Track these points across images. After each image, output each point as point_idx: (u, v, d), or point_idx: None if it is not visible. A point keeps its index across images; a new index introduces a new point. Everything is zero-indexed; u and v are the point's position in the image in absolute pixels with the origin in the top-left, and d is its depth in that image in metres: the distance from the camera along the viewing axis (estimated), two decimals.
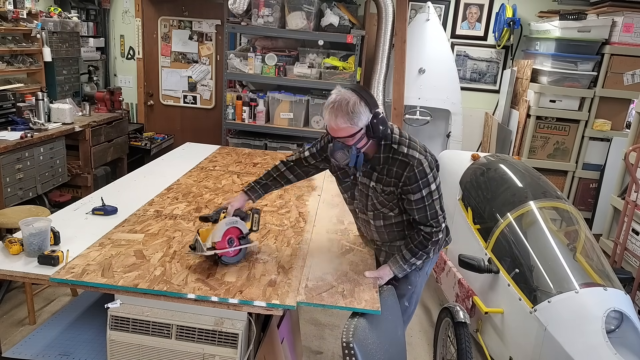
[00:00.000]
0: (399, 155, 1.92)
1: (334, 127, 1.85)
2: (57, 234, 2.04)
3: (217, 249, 1.94)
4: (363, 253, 2.26)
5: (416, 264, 2.05)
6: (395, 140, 1.95)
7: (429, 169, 1.93)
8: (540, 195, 2.74)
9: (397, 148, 1.93)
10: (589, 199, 4.62)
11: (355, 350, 1.50)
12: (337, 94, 1.84)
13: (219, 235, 1.95)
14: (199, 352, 1.83)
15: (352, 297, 1.84)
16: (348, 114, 1.80)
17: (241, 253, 2.03)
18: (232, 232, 2.00)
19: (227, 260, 1.98)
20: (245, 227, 2.05)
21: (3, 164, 3.30)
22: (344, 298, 1.83)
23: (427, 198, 1.94)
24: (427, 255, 2.04)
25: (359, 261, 2.16)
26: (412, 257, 2.03)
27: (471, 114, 5.09)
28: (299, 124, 4.53)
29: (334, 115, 1.82)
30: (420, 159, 1.91)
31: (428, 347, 3.00)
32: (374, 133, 1.87)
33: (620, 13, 4.12)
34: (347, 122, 1.82)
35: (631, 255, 3.29)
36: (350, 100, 1.81)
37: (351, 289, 1.90)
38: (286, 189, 2.98)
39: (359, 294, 1.87)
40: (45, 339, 2.63)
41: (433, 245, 2.02)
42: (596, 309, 2.08)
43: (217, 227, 1.97)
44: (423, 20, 4.60)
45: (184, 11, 5.19)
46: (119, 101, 4.71)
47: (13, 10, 3.87)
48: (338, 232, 2.47)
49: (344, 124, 1.82)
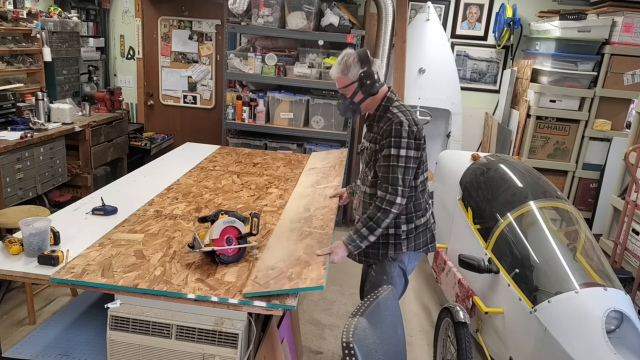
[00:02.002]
0: (388, 113, 2.10)
1: (334, 77, 2.18)
2: (57, 234, 2.04)
3: (215, 246, 1.95)
4: (321, 235, 2.23)
5: (368, 238, 2.07)
6: (395, 104, 2.14)
7: (407, 134, 2.02)
8: (541, 195, 2.74)
9: (391, 109, 2.12)
10: (589, 199, 4.62)
11: (355, 350, 1.50)
12: (342, 54, 2.16)
13: (217, 233, 1.96)
14: (199, 352, 1.83)
15: (298, 278, 1.81)
16: (340, 66, 2.12)
17: (240, 253, 2.03)
18: (230, 232, 2.00)
19: (226, 258, 1.98)
20: (243, 227, 2.05)
21: (3, 164, 3.30)
22: (289, 281, 1.80)
23: (393, 158, 2.03)
24: (377, 227, 2.05)
25: (314, 243, 2.13)
26: (362, 227, 2.06)
27: (471, 114, 5.09)
28: (299, 124, 4.53)
29: (336, 67, 2.14)
30: (402, 120, 2.04)
31: (428, 347, 3.00)
32: (362, 86, 2.10)
33: (620, 13, 4.12)
34: (339, 73, 2.13)
35: (631, 255, 3.29)
36: (349, 58, 2.11)
37: (299, 271, 1.87)
38: (286, 189, 2.99)
39: (306, 274, 1.84)
40: (45, 339, 2.63)
41: (384, 215, 2.04)
42: (596, 309, 2.08)
43: (215, 225, 1.99)
44: (423, 20, 4.60)
45: (184, 11, 5.19)
46: (119, 101, 4.71)
47: (13, 10, 3.87)
48: (301, 220, 2.45)
49: (337, 74, 2.14)
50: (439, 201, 3.68)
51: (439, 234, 3.52)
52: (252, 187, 3.01)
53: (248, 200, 2.76)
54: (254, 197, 2.84)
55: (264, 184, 3.09)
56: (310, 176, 3.27)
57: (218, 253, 1.96)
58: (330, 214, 2.49)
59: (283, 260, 1.98)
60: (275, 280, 1.81)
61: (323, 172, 3.32)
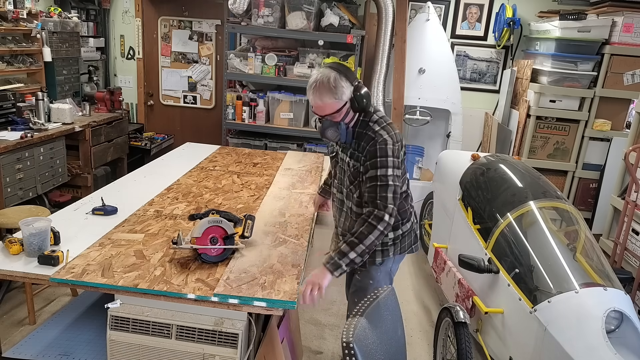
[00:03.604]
0: (370, 132, 1.95)
1: (321, 105, 1.92)
2: (57, 234, 2.04)
3: (197, 244, 1.95)
4: (296, 245, 2.23)
5: (348, 255, 1.86)
6: (373, 119, 1.98)
7: (391, 152, 1.91)
8: (540, 195, 2.74)
9: (371, 125, 1.97)
10: (589, 199, 4.62)
11: (355, 351, 1.50)
12: (317, 74, 1.92)
13: (199, 231, 1.96)
14: (199, 352, 1.83)
15: (271, 288, 1.83)
16: (331, 90, 1.88)
17: (225, 253, 2.02)
18: (215, 231, 1.99)
19: (207, 258, 1.98)
20: (231, 228, 2.04)
21: (3, 164, 3.30)
22: (262, 289, 1.81)
23: (380, 179, 1.90)
24: (358, 243, 1.86)
25: (288, 253, 2.14)
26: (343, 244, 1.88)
27: (471, 114, 5.09)
28: (299, 124, 4.53)
29: (319, 93, 1.90)
30: (386, 139, 1.92)
31: (428, 347, 3.00)
32: (359, 104, 1.93)
33: (620, 13, 4.12)
34: (331, 98, 1.89)
35: (631, 255, 3.29)
36: (330, 77, 1.88)
37: (273, 281, 1.88)
38: None
39: (279, 285, 1.85)
40: (45, 339, 2.64)
41: (367, 230, 1.86)
42: (596, 309, 2.07)
43: (199, 223, 1.99)
44: (423, 20, 4.60)
45: (184, 11, 5.19)
46: (119, 101, 4.71)
47: (13, 10, 3.87)
48: (276, 225, 2.46)
49: (329, 100, 1.89)
50: (439, 201, 3.68)
51: (439, 234, 3.54)
52: (252, 187, 3.01)
53: (248, 200, 2.77)
54: (254, 197, 2.84)
55: (264, 184, 3.09)
56: (286, 177, 3.28)
57: (199, 252, 1.97)
58: (306, 224, 2.51)
59: (256, 266, 1.99)
60: (247, 286, 1.83)
61: (299, 175, 3.34)
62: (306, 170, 3.45)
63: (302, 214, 2.64)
